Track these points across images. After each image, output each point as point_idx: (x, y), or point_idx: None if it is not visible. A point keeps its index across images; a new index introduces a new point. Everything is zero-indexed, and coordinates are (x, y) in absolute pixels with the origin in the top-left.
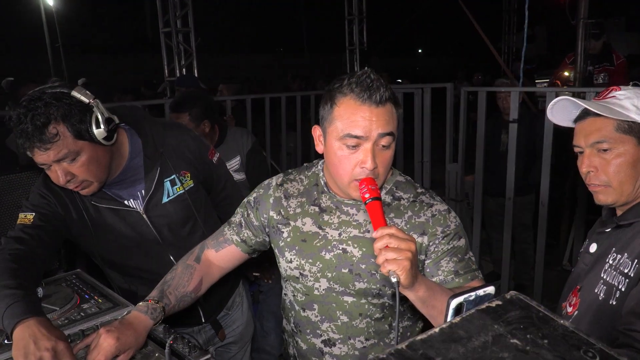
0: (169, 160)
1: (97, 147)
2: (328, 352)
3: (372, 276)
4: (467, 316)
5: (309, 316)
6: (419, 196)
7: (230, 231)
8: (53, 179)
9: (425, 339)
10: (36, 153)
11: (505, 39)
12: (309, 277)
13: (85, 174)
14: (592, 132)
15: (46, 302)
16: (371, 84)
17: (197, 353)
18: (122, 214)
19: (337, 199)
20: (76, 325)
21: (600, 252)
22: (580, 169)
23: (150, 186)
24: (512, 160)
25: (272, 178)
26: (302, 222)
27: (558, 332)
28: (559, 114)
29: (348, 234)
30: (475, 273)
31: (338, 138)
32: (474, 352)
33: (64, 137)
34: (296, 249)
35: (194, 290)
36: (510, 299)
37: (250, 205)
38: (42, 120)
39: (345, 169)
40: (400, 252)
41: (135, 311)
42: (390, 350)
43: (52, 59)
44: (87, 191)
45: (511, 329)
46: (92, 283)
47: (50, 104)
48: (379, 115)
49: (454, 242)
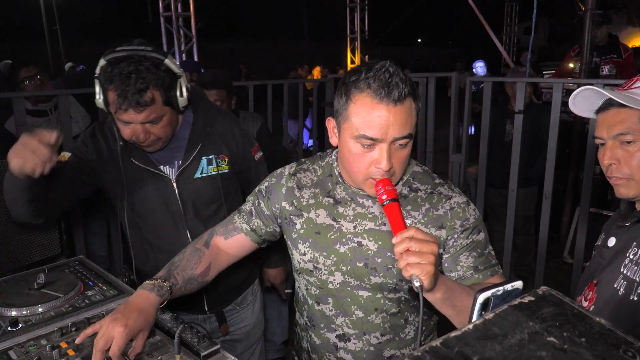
0: (212, 141)
1: (174, 113)
2: (342, 347)
3: (389, 270)
4: (500, 312)
5: (323, 310)
6: (436, 187)
7: (240, 219)
8: (127, 134)
9: (459, 336)
10: (129, 112)
11: (507, 29)
12: (323, 271)
13: (161, 135)
14: (615, 123)
15: (49, 288)
16: (390, 80)
17: (207, 343)
18: (155, 177)
19: (352, 190)
20: (81, 313)
21: (620, 247)
22: (601, 161)
23: (188, 158)
24: (517, 152)
25: (285, 167)
26: (316, 213)
27: (595, 330)
28: (580, 104)
29: (363, 227)
30: (495, 268)
31: (353, 136)
32: (510, 351)
33: (157, 103)
34: (310, 241)
35: (201, 274)
36: (543, 295)
37: (262, 194)
38: (143, 86)
39: (360, 167)
40: (423, 255)
41: (141, 289)
42: (425, 347)
43: (49, 42)
44: (153, 148)
45: (547, 327)
46: (96, 270)
47: (150, 70)
48: (396, 114)
49: (474, 237)
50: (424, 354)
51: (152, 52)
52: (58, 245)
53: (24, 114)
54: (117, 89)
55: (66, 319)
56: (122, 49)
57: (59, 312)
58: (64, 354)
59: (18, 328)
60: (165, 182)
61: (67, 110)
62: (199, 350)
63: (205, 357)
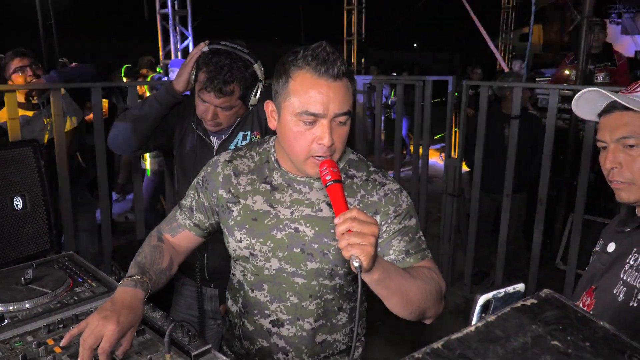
0: (250, 119)
1: (243, 107)
2: (276, 332)
3: (325, 256)
4: (502, 315)
5: (258, 297)
6: (371, 175)
7: (182, 216)
8: (200, 110)
9: (461, 338)
10: (210, 94)
11: (502, 36)
12: (260, 257)
13: (226, 121)
14: (618, 126)
15: (37, 284)
16: (327, 57)
17: (197, 343)
18: (204, 143)
19: (289, 176)
20: (69, 310)
21: (620, 252)
22: (603, 164)
23: (228, 132)
24: (512, 156)
25: (221, 154)
26: (253, 200)
27: (599, 334)
28: (583, 106)
29: (300, 213)
30: (425, 252)
31: (294, 114)
32: (513, 354)
33: (234, 95)
34: (246, 228)
35: (167, 267)
36: (546, 298)
37: (200, 185)
38: (230, 79)
39: (302, 145)
40: (364, 237)
41: (123, 287)
42: (426, 349)
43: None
44: (213, 128)
45: (550, 330)
46: (85, 266)
47: (240, 69)
48: (336, 90)
49: (405, 222)
50: (425, 356)
51: (247, 55)
52: (47, 240)
53: (16, 107)
54: (209, 73)
55: (54, 315)
56: (224, 44)
57: (47, 308)
58: (50, 351)
59: (4, 324)
60: (209, 150)
61: (60, 105)
62: (190, 350)
63: (196, 357)
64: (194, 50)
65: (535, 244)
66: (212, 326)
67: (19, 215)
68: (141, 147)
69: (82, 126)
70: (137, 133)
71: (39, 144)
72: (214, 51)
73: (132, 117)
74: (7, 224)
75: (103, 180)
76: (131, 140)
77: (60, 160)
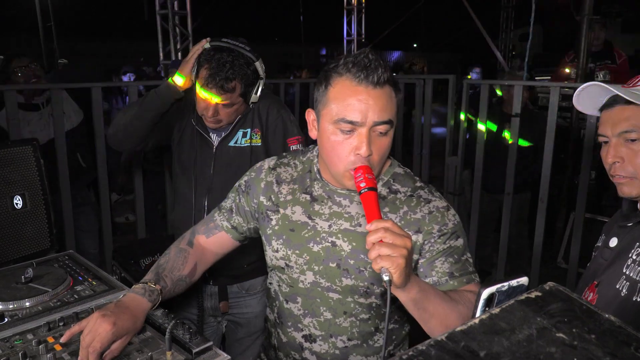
0: (250, 116)
1: (244, 105)
2: (308, 347)
3: (361, 273)
4: (506, 307)
5: (292, 309)
6: (417, 190)
7: (220, 217)
8: (201, 107)
9: (465, 330)
10: (211, 91)
11: (502, 35)
12: (295, 269)
13: (227, 118)
14: (620, 120)
15: (37, 283)
16: (369, 64)
17: (198, 340)
18: (204, 140)
19: (329, 188)
20: (69, 308)
21: (622, 247)
22: (604, 159)
23: (228, 129)
24: (513, 155)
25: (265, 161)
26: (292, 210)
27: (604, 326)
28: (585, 101)
29: (338, 227)
30: (472, 276)
31: (332, 122)
32: (519, 346)
33: (235, 92)
34: (283, 238)
35: (188, 274)
36: (550, 291)
37: (242, 189)
38: (232, 76)
39: (340, 155)
40: (395, 248)
41: (132, 293)
42: (431, 342)
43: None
44: (214, 125)
45: (555, 322)
46: (86, 264)
47: (242, 66)
48: (376, 98)
49: (451, 242)
50: (429, 348)
51: (249, 52)
52: (48, 239)
53: (16, 107)
54: (211, 70)
55: (54, 313)
56: (226, 41)
57: (47, 306)
58: (50, 349)
59: (4, 322)
60: (209, 146)
61: (61, 105)
62: (191, 347)
63: (197, 354)
64: (196, 46)
65: (536, 242)
66: (212, 324)
67: (18, 215)
68: (141, 144)
69: (82, 126)
70: (137, 129)
71: (39, 143)
72: (215, 48)
73: (132, 114)
74: (7, 223)
75: (103, 180)
76: (131, 136)
77: (61, 160)
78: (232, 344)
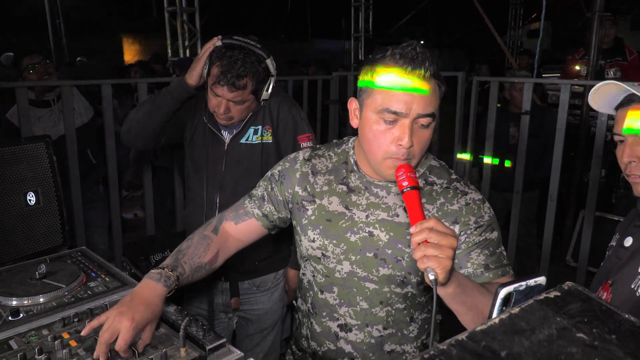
0: (262, 113)
1: (255, 102)
2: (343, 337)
3: (398, 262)
4: (526, 307)
5: (327, 299)
6: (453, 182)
7: (251, 204)
8: (212, 104)
9: (485, 330)
10: (223, 88)
11: (511, 32)
12: (332, 259)
13: (238, 115)
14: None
15: (51, 278)
16: (416, 57)
17: (212, 337)
18: (215, 137)
19: (366, 179)
20: (83, 304)
21: (638, 246)
22: (620, 158)
23: (240, 126)
24: (523, 153)
25: (299, 152)
26: (329, 200)
27: (625, 327)
28: (600, 99)
29: (376, 217)
30: (506, 269)
31: (376, 111)
32: (539, 346)
33: (247, 89)
34: (320, 228)
35: (209, 262)
36: (569, 290)
37: (275, 178)
38: (243, 73)
39: (381, 144)
40: (441, 249)
41: (147, 279)
42: (451, 341)
43: (52, 36)
44: (225, 122)
45: (575, 322)
46: (98, 261)
47: (253, 63)
48: (421, 90)
49: (487, 234)
50: (450, 348)
51: (260, 50)
52: (60, 235)
53: (27, 104)
54: (222, 67)
55: (68, 309)
56: (237, 39)
57: (61, 302)
58: (66, 345)
59: (19, 318)
60: (221, 144)
61: (71, 101)
62: (205, 344)
63: (211, 351)
64: (207, 44)
65: (545, 240)
66: (223, 320)
67: (32, 211)
68: (153, 142)
69: (92, 123)
70: (150, 127)
71: (51, 140)
72: (227, 45)
73: (145, 111)
74: (20, 219)
75: (113, 177)
76: (144, 134)
77: (71, 157)
78: (242, 340)
